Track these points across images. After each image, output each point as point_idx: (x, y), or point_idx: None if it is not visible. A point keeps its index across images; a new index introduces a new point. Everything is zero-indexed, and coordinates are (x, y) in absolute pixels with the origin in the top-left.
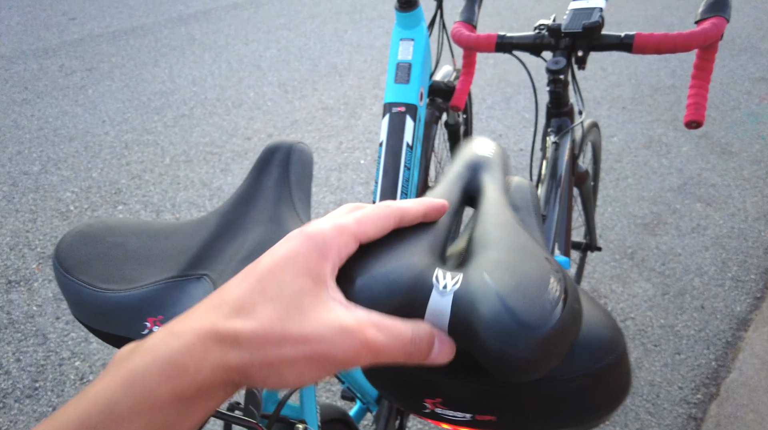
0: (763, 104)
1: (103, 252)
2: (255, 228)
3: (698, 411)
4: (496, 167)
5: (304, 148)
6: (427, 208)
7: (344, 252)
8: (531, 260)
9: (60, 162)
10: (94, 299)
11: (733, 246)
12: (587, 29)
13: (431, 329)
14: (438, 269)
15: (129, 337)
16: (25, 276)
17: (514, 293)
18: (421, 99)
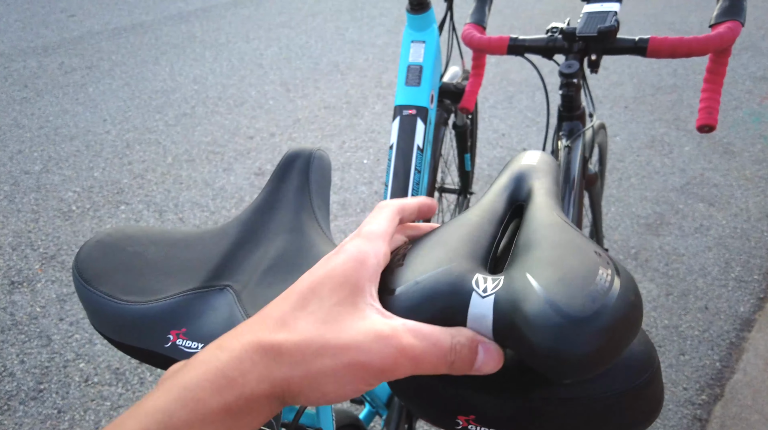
0: (765, 104)
1: (123, 262)
2: (277, 237)
3: (703, 412)
4: (543, 174)
5: (323, 156)
6: (420, 203)
7: (379, 255)
8: (577, 254)
9: (61, 161)
10: (115, 311)
11: (736, 246)
12: (602, 33)
13: (473, 335)
14: (478, 274)
15: (152, 350)
16: (28, 277)
17: (558, 287)
18: (432, 102)
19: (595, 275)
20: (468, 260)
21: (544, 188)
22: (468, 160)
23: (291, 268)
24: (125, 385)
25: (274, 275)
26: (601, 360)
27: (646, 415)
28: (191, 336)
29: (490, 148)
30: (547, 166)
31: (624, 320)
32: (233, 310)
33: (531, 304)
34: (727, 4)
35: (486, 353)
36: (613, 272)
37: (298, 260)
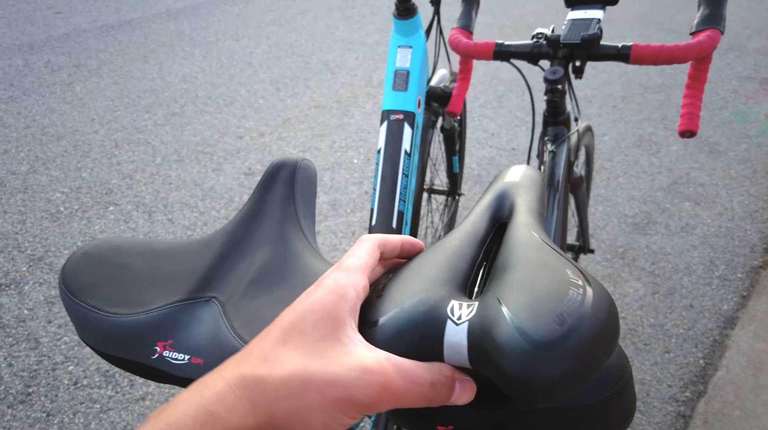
0: (750, 103)
1: (109, 274)
2: (262, 248)
3: (687, 409)
4: (525, 190)
5: (309, 166)
6: (403, 241)
7: (359, 288)
8: (548, 275)
9: (49, 162)
10: (102, 323)
11: (721, 245)
12: (585, 41)
13: (452, 373)
14: (454, 301)
15: (139, 361)
16: (15, 279)
17: (526, 312)
18: (419, 106)
19: (564, 297)
20: (445, 286)
21: (525, 205)
22: (456, 163)
23: (276, 279)
24: (115, 387)
25: (259, 286)
26: (571, 382)
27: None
28: (178, 348)
29: (479, 148)
30: (530, 181)
31: (594, 340)
32: (218, 321)
33: (500, 330)
34: (707, 12)
35: (462, 388)
36: (584, 292)
37: (283, 272)
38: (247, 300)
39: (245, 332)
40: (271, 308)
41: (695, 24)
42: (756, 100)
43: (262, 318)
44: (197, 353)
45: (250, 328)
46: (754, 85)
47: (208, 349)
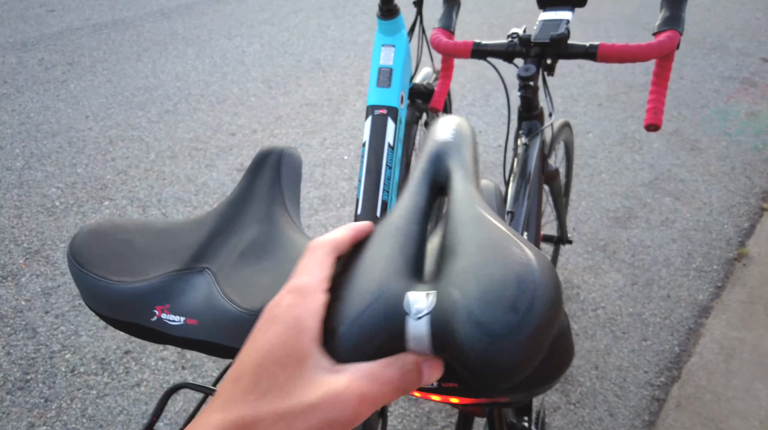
0: (731, 102)
1: (113, 248)
2: (250, 226)
3: (661, 393)
4: (458, 151)
5: (294, 153)
6: (354, 233)
7: (317, 314)
8: (497, 258)
9: (44, 158)
10: (107, 290)
11: (699, 238)
12: (554, 40)
13: (417, 360)
14: (409, 294)
15: (139, 324)
16: (12, 271)
17: (481, 304)
18: (401, 102)
19: (516, 283)
20: (398, 277)
21: (462, 170)
22: None
23: (262, 252)
24: (111, 374)
25: (248, 258)
26: (530, 363)
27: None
28: (174, 311)
29: None
30: (461, 138)
31: (546, 320)
32: (211, 288)
33: (460, 324)
34: (668, 14)
35: (429, 369)
36: (532, 271)
37: (269, 246)
38: (237, 269)
39: (235, 296)
40: (258, 276)
41: (657, 25)
42: (737, 99)
43: (250, 285)
44: (192, 314)
45: (240, 293)
46: (735, 85)
47: (202, 311)
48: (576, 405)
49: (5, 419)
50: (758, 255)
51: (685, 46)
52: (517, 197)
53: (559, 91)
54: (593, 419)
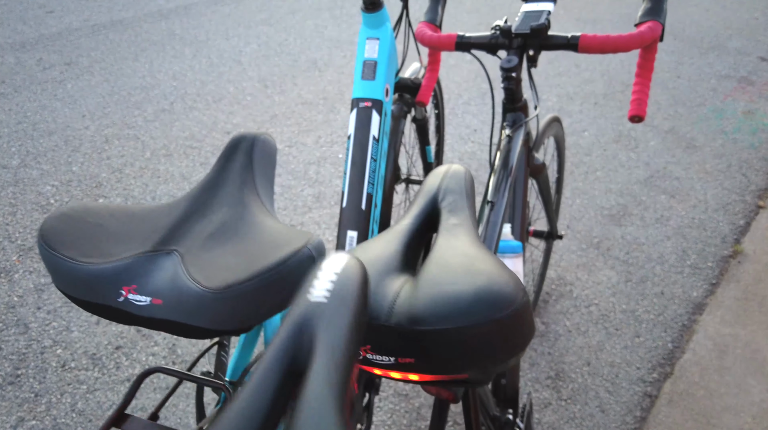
0: (728, 101)
1: (83, 231)
2: (221, 209)
3: (653, 389)
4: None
5: (267, 139)
6: None
7: None
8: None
9: (39, 156)
10: (75, 271)
11: (693, 236)
12: (534, 30)
13: None
14: None
15: (107, 304)
16: (6, 268)
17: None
18: (386, 95)
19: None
20: None
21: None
22: (429, 152)
23: (231, 234)
24: (101, 369)
25: (216, 240)
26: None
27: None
28: (141, 291)
29: (461, 143)
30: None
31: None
32: (177, 269)
33: None
34: (650, 6)
35: None
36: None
37: (238, 228)
38: (204, 251)
39: (199, 276)
40: (225, 257)
41: (638, 16)
42: (734, 97)
43: (216, 265)
44: (157, 294)
45: (204, 273)
46: (732, 84)
47: (167, 291)
48: (567, 401)
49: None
50: (753, 252)
51: (683, 46)
52: (498, 188)
53: (554, 90)
54: (584, 415)
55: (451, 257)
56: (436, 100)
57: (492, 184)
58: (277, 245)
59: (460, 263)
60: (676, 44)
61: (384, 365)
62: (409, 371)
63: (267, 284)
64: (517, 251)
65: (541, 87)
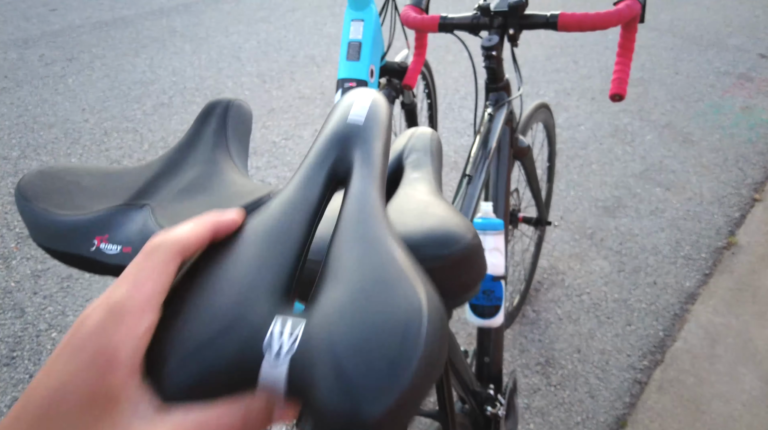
0: (726, 97)
1: (60, 186)
2: (193, 168)
3: (643, 376)
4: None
5: (242, 104)
6: (213, 228)
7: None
8: (384, 300)
9: (39, 148)
10: (50, 222)
11: (688, 227)
12: (512, 8)
13: (267, 404)
14: (275, 322)
15: (80, 254)
16: (4, 254)
17: (352, 356)
18: (371, 75)
19: (399, 337)
20: (264, 298)
21: (366, 168)
22: None
23: (200, 189)
24: None
25: (186, 194)
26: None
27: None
28: (112, 241)
29: (457, 137)
30: (375, 122)
31: (426, 379)
32: (148, 221)
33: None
34: None
35: (280, 412)
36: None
37: (207, 184)
38: (174, 204)
39: (167, 225)
40: (192, 208)
41: None
42: (732, 93)
43: (183, 215)
44: (127, 243)
45: (173, 222)
46: (731, 80)
47: (136, 239)
48: (557, 387)
49: None
50: (748, 244)
51: (682, 43)
52: (476, 164)
53: (552, 86)
54: (573, 401)
55: (406, 203)
56: (429, 89)
57: (471, 158)
58: (241, 195)
59: (414, 208)
60: (676, 41)
61: None
62: None
63: None
64: (498, 229)
65: (539, 82)
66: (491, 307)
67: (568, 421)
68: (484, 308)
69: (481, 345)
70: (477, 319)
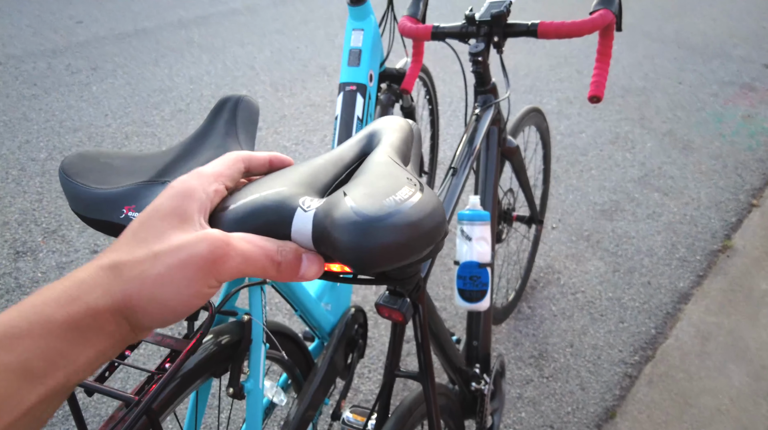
0: (728, 106)
1: (95, 166)
2: (207, 152)
3: (634, 370)
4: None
5: (251, 100)
6: (272, 157)
7: (209, 190)
8: (389, 178)
9: (65, 150)
10: (87, 194)
11: (684, 231)
12: (494, 17)
13: (297, 247)
14: (306, 197)
15: (111, 221)
16: (32, 248)
17: (363, 199)
18: (370, 80)
19: (396, 191)
20: (300, 186)
21: (388, 140)
22: None
23: None
24: None
25: None
26: (393, 254)
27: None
28: (138, 210)
29: None
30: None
31: (414, 223)
32: None
33: (339, 211)
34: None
35: (309, 262)
36: (416, 193)
37: None
38: None
39: None
40: None
41: (593, 4)
42: (734, 103)
43: None
44: None
45: None
46: (734, 89)
47: None
48: (548, 379)
49: None
50: (743, 247)
51: (686, 54)
52: (461, 158)
53: (555, 94)
54: (564, 392)
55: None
56: (429, 95)
57: (458, 154)
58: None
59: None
60: (680, 52)
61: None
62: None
63: None
64: (485, 220)
65: (542, 92)
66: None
67: (558, 410)
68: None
69: (470, 329)
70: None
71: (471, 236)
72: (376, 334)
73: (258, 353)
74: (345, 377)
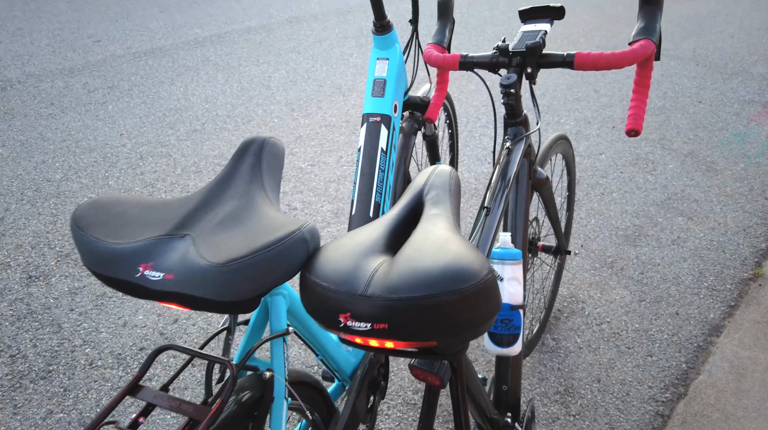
0: (751, 125)
1: (109, 218)
2: (230, 201)
3: (666, 409)
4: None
5: (276, 143)
6: None
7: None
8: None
9: (80, 171)
10: (100, 249)
11: (711, 257)
12: (530, 49)
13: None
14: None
15: (126, 279)
16: (45, 272)
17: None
18: (395, 111)
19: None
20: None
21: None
22: None
23: (236, 222)
24: (126, 368)
25: (224, 226)
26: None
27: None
28: (156, 268)
29: (478, 164)
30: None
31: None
32: (189, 250)
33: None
34: (643, 24)
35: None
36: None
37: (243, 217)
38: (213, 236)
39: (207, 254)
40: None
41: (632, 35)
42: (757, 122)
43: (221, 246)
44: (170, 270)
45: (210, 251)
46: (756, 109)
47: (178, 267)
48: (576, 417)
49: (27, 405)
50: None
51: (705, 72)
52: (495, 196)
53: (573, 114)
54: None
55: (425, 239)
56: (450, 119)
57: (490, 191)
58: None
59: (433, 243)
60: (699, 70)
61: (361, 332)
62: (384, 337)
63: (263, 259)
64: (516, 259)
65: (560, 111)
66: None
67: None
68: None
69: (500, 373)
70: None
71: (503, 277)
72: (395, 367)
73: (280, 410)
74: (366, 421)
